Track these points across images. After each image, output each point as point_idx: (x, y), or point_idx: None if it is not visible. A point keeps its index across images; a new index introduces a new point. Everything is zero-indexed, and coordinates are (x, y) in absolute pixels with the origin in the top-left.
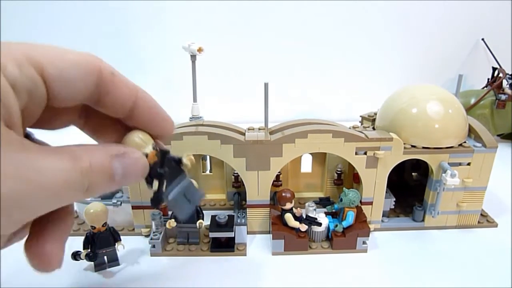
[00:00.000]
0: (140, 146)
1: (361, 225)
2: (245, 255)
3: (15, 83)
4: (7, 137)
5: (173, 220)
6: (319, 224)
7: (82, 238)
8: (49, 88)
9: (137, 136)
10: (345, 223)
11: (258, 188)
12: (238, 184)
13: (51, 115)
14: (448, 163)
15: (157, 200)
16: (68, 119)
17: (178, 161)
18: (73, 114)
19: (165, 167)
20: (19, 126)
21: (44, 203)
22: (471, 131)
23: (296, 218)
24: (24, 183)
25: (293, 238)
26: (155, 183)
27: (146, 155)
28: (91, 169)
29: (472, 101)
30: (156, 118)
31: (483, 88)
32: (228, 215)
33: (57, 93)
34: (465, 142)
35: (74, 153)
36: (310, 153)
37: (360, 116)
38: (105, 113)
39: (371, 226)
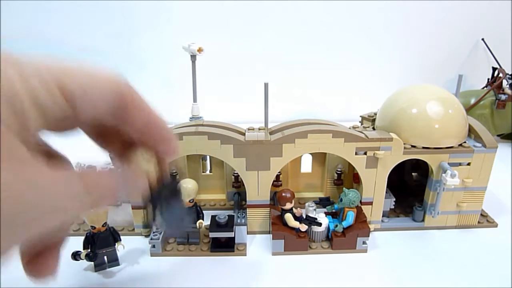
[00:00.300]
0: (143, 168)
1: (361, 225)
2: (245, 255)
3: (43, 109)
4: (19, 153)
5: None
6: (319, 224)
7: (82, 238)
8: (72, 109)
9: (142, 158)
10: (345, 223)
11: (258, 188)
12: (238, 184)
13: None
14: (448, 163)
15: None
16: (75, 124)
17: (176, 185)
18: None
19: (162, 194)
20: (33, 142)
21: (49, 219)
22: (471, 131)
23: (296, 218)
24: (32, 198)
25: (293, 238)
26: (149, 205)
27: (147, 176)
28: (98, 189)
29: (472, 101)
30: (163, 139)
31: (483, 88)
32: (228, 215)
33: (76, 113)
34: (465, 142)
35: (83, 171)
36: (310, 153)
37: (360, 116)
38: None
39: (371, 226)
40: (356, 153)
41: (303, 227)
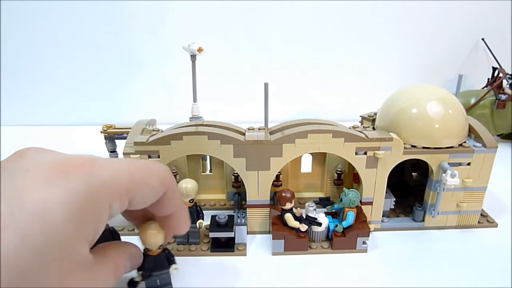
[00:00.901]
0: (150, 244)
1: (361, 225)
2: (245, 255)
3: (112, 215)
4: (88, 262)
5: None
6: (319, 224)
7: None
8: (129, 205)
9: (153, 238)
10: (345, 223)
11: (258, 188)
12: (238, 184)
13: None
14: (448, 163)
15: (132, 284)
16: None
17: (169, 262)
18: None
19: (152, 264)
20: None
21: None
22: (471, 131)
23: (296, 218)
24: None
25: (293, 238)
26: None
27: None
28: (120, 272)
29: (472, 101)
30: (179, 227)
31: (483, 88)
32: (228, 215)
33: (129, 206)
34: (465, 142)
35: (113, 260)
36: (310, 153)
37: (360, 116)
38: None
39: (371, 226)
40: (356, 153)
41: (303, 227)
